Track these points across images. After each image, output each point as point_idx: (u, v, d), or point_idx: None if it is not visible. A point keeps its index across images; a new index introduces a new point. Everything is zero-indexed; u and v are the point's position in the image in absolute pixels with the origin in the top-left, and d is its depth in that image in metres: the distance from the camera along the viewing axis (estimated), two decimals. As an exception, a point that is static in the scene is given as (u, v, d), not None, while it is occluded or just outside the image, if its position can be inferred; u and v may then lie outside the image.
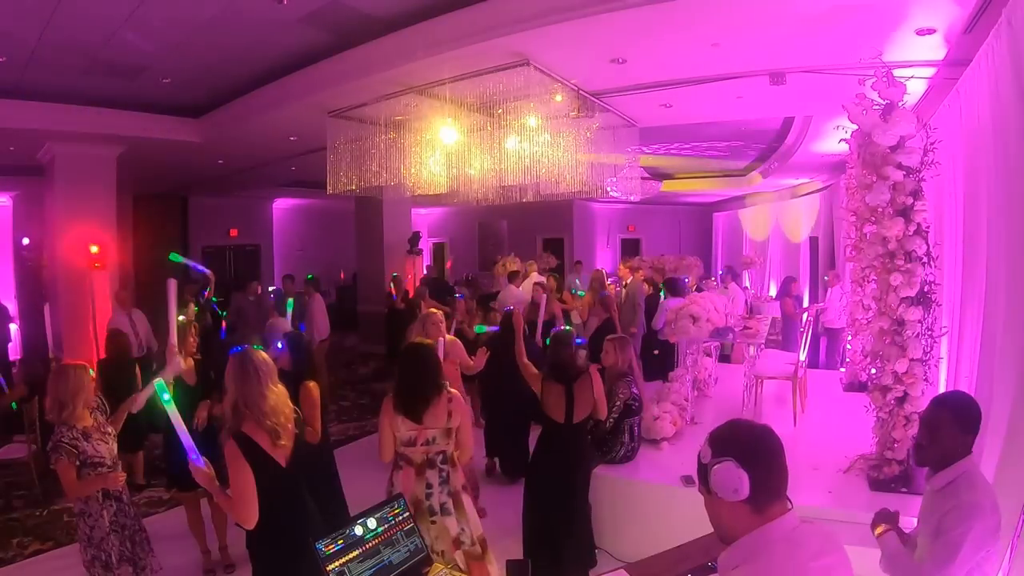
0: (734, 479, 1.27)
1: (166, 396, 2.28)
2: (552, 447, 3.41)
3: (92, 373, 3.00)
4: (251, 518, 2.21)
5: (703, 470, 1.34)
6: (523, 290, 8.04)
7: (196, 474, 2.25)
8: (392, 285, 9.48)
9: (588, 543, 3.60)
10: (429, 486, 2.75)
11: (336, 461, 4.20)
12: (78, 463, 2.80)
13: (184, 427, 2.27)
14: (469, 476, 3.56)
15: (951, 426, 1.92)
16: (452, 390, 2.85)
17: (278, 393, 2.38)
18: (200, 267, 6.27)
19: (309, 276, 8.71)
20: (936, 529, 1.84)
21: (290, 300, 5.15)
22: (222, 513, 3.83)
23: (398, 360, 2.95)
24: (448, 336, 4.35)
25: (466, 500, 2.85)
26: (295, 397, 2.89)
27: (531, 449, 5.19)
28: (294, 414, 2.46)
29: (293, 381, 3.16)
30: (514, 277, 8.42)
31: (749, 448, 1.31)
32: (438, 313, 4.30)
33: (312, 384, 3.43)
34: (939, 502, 1.89)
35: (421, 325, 4.26)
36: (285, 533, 2.36)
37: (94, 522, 2.92)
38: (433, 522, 2.72)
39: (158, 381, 2.39)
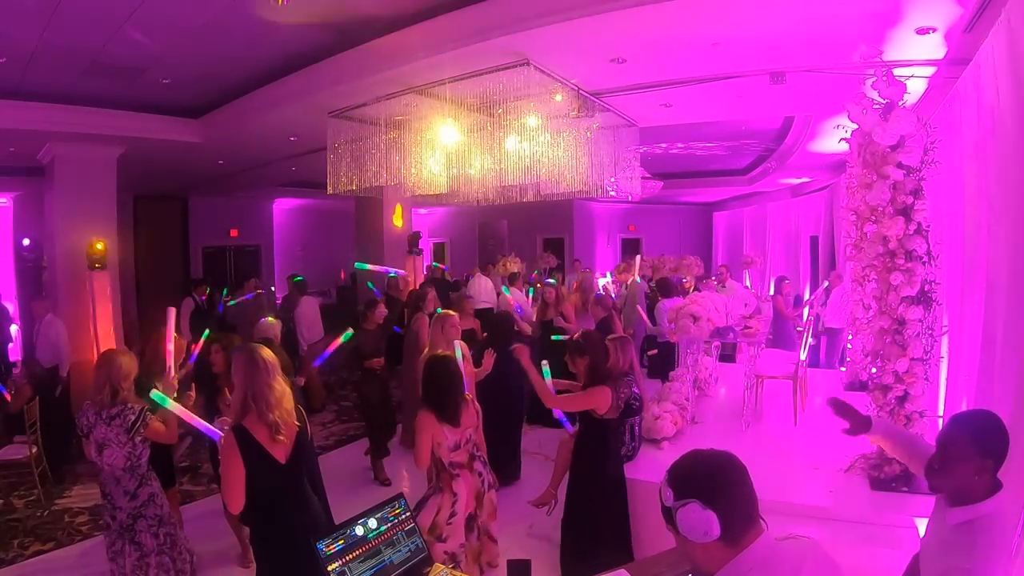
0: (702, 521, 1.22)
1: (166, 402, 2.55)
2: (610, 444, 3.47)
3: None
4: (235, 504, 2.32)
5: (668, 512, 1.29)
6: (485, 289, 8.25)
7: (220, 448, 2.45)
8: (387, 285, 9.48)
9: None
10: (480, 474, 3.17)
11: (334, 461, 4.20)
12: None
13: (195, 417, 2.56)
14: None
15: (967, 447, 1.63)
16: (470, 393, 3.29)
17: (282, 387, 2.47)
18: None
19: (297, 278, 8.52)
20: None
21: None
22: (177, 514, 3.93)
23: (425, 374, 3.14)
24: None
25: None
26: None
27: (520, 451, 5.25)
28: (296, 411, 2.51)
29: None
30: (515, 279, 8.45)
31: (711, 484, 1.26)
32: (454, 315, 4.30)
33: None
34: (951, 546, 1.67)
35: (439, 327, 4.26)
36: (286, 529, 2.40)
37: (161, 500, 3.13)
38: (483, 505, 3.16)
39: (154, 393, 2.63)
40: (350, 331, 4.32)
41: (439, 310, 4.91)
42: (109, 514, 3.04)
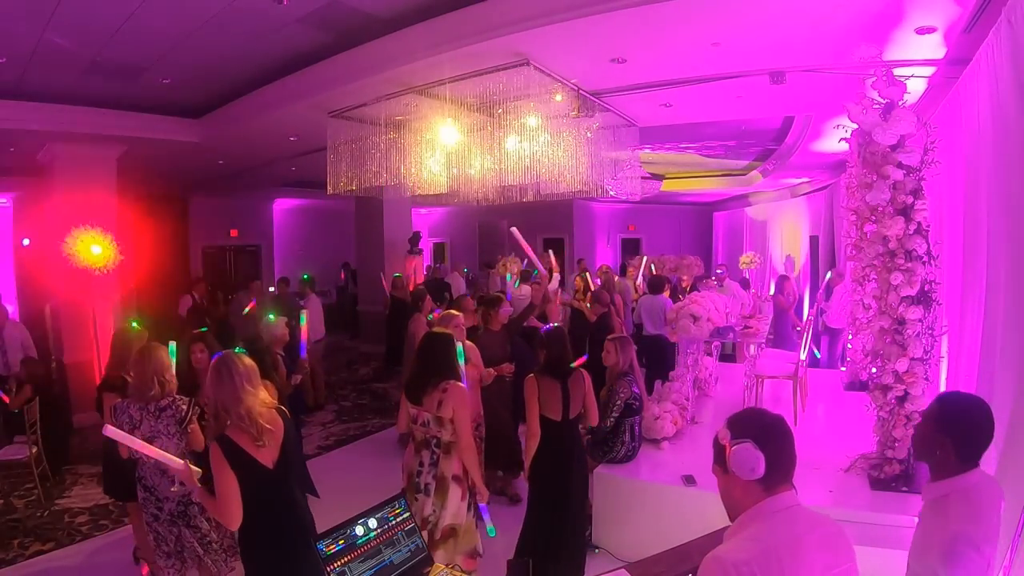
0: (751, 459, 1.39)
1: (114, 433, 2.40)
2: (549, 446, 3.36)
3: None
4: (234, 520, 2.27)
5: (721, 450, 1.47)
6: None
7: (180, 475, 2.36)
8: (392, 285, 9.52)
9: (582, 545, 3.57)
10: (421, 464, 3.04)
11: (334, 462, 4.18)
12: None
13: (154, 449, 2.40)
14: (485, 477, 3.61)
15: (930, 420, 1.77)
16: (452, 382, 3.00)
17: (255, 395, 2.39)
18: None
19: (305, 276, 8.76)
20: (932, 569, 1.62)
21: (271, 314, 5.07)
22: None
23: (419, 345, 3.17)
24: (468, 341, 4.28)
25: (452, 490, 3.01)
26: None
27: (520, 450, 5.22)
28: (280, 415, 2.47)
29: None
30: (526, 278, 8.47)
31: (767, 431, 1.44)
32: (459, 315, 4.27)
33: None
34: (927, 518, 1.75)
35: (443, 326, 4.23)
36: (274, 534, 2.39)
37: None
38: (416, 499, 2.99)
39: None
40: (304, 315, 4.40)
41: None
42: (155, 507, 3.01)
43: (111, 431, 2.43)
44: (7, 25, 4.36)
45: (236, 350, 2.53)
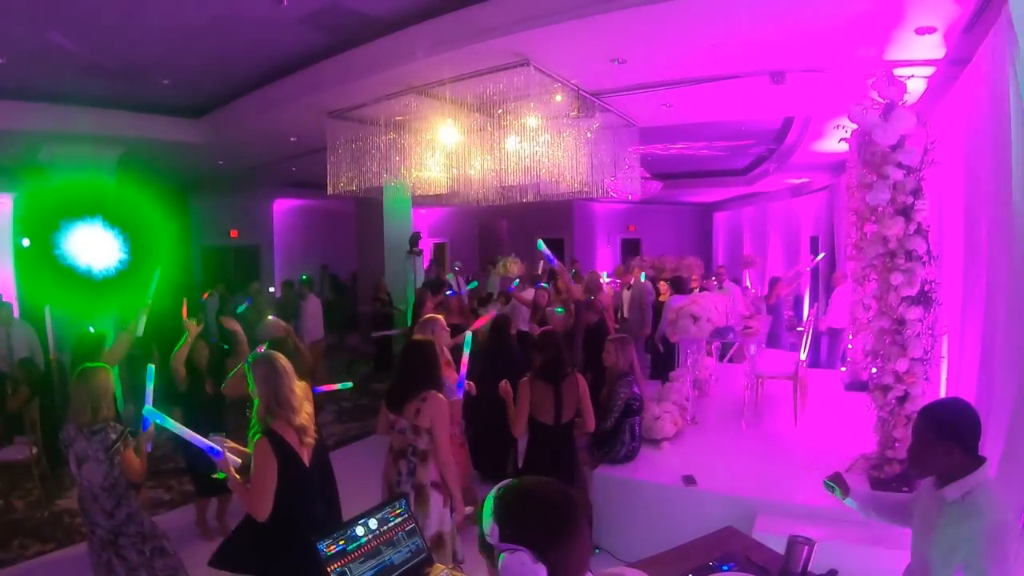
0: (527, 575, 1.06)
1: (160, 418, 2.43)
2: (542, 451, 3.36)
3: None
4: (264, 511, 2.32)
5: (488, 548, 1.12)
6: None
7: (221, 466, 2.40)
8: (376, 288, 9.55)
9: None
10: (399, 474, 3.00)
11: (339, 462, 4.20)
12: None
13: (192, 433, 2.41)
14: (465, 492, 3.60)
15: (928, 435, 1.79)
16: (432, 393, 2.98)
17: (302, 391, 2.52)
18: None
19: (303, 277, 8.79)
20: (966, 562, 1.66)
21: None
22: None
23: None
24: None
25: (433, 497, 2.98)
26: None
27: (518, 450, 5.22)
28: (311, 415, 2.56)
29: None
30: (533, 282, 8.45)
31: (548, 532, 1.08)
32: (440, 319, 4.26)
33: None
34: (956, 516, 1.73)
35: (428, 329, 4.22)
36: (299, 533, 2.40)
37: (141, 518, 3.03)
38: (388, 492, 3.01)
39: (147, 408, 2.53)
40: (350, 383, 4.33)
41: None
42: (89, 530, 2.95)
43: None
44: (7, 25, 4.36)
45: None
